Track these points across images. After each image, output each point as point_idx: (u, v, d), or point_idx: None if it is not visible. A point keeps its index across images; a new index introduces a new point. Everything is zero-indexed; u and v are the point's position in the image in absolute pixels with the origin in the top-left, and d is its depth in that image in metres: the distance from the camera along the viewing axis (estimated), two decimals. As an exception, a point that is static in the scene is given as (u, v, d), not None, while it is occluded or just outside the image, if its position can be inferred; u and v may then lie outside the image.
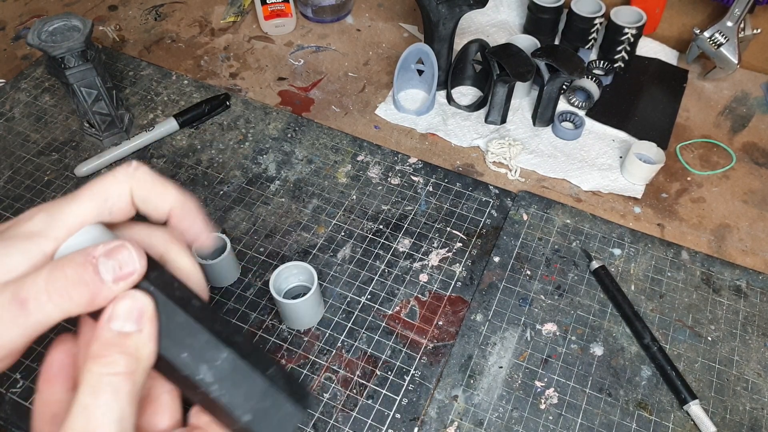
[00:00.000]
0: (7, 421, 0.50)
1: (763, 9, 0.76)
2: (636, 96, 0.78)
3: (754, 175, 0.71)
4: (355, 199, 0.66)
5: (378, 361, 0.54)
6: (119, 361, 0.25)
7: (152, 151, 0.70)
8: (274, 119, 0.74)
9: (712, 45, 0.76)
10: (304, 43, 0.85)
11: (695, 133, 0.75)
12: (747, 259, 0.63)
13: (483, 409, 0.52)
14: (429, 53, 0.72)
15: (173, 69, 0.80)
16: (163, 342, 0.26)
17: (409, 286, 0.59)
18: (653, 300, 0.59)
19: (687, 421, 0.52)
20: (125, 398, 0.25)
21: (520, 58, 0.69)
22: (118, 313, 0.25)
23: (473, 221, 0.65)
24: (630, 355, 0.55)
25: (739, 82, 0.81)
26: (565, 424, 0.51)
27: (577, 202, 0.67)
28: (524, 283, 0.60)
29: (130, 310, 0.26)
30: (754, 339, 0.56)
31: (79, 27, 0.63)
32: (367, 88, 0.79)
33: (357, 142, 0.72)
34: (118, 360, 0.25)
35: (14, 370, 0.53)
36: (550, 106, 0.72)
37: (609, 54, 0.78)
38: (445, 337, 0.56)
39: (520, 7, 0.88)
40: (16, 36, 0.86)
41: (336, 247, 0.62)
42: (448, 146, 0.73)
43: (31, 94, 0.76)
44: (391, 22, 0.89)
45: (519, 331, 0.56)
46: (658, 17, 0.81)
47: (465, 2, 0.68)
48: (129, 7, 0.90)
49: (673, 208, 0.67)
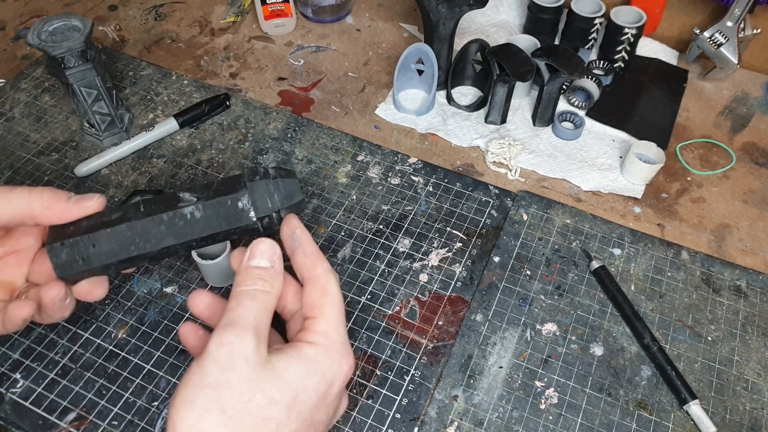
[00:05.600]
0: (7, 421, 0.50)
1: (763, 9, 0.76)
2: (636, 96, 0.78)
3: (754, 175, 0.71)
4: (355, 199, 0.66)
5: (378, 361, 0.54)
6: (257, 282, 0.35)
7: (152, 151, 0.70)
8: (274, 119, 0.74)
9: (712, 45, 0.76)
10: (304, 43, 0.85)
11: (695, 133, 0.75)
12: (747, 259, 0.63)
13: (483, 409, 0.52)
14: (429, 53, 0.72)
15: (173, 69, 0.80)
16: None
17: (409, 286, 0.59)
18: (653, 300, 0.59)
19: (687, 421, 0.52)
20: (261, 305, 0.34)
21: (520, 58, 0.69)
22: (255, 254, 0.37)
23: (473, 221, 0.65)
24: (630, 355, 0.55)
25: (739, 82, 0.81)
26: (565, 424, 0.51)
27: (577, 202, 0.67)
28: (524, 283, 0.60)
29: (264, 251, 0.37)
30: (754, 339, 0.56)
31: (79, 27, 0.63)
32: (367, 88, 0.79)
33: (357, 142, 0.72)
34: (256, 281, 0.35)
35: (14, 370, 0.53)
36: (550, 106, 0.72)
37: (609, 54, 0.78)
38: (445, 337, 0.56)
39: (520, 7, 0.88)
40: (16, 36, 0.86)
41: (336, 247, 0.62)
42: (448, 146, 0.73)
43: (31, 94, 0.76)
44: (391, 22, 0.89)
45: (519, 331, 0.56)
46: (658, 17, 0.81)
47: (465, 2, 0.68)
48: (129, 7, 0.90)
49: (673, 208, 0.67)
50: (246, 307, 0.34)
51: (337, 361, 0.35)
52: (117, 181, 0.67)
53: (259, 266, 0.36)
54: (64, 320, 0.55)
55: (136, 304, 0.57)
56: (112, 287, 0.58)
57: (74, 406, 0.51)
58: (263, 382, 0.32)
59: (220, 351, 0.32)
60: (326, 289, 0.37)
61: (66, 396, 0.51)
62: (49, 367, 0.53)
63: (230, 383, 0.31)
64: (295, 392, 0.33)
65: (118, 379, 0.53)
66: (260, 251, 0.37)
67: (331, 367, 0.35)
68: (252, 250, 0.37)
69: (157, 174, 0.68)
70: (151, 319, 0.56)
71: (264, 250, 0.37)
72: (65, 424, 0.50)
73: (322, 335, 0.35)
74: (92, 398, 0.51)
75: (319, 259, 0.38)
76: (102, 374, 0.53)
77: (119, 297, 0.58)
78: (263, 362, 0.32)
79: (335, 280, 0.37)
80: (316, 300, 0.37)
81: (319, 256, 0.38)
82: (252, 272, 0.36)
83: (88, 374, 0.53)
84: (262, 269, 0.36)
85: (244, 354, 0.32)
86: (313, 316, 0.36)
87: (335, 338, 0.36)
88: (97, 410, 0.51)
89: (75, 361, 0.54)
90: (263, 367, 0.32)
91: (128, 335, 0.55)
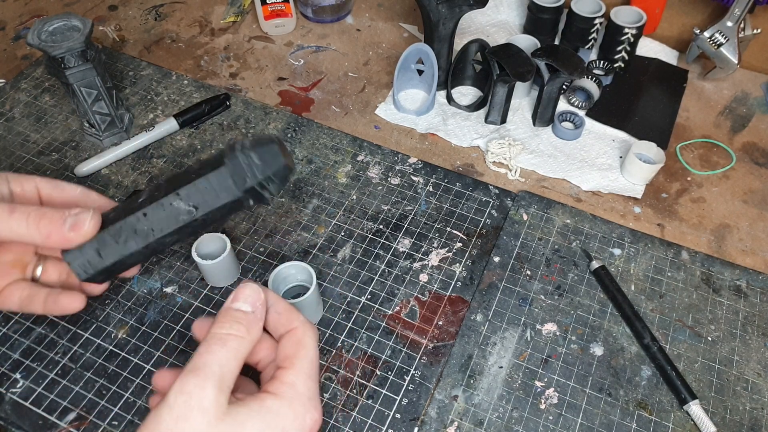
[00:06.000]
0: (7, 421, 0.50)
1: (763, 9, 0.76)
2: (636, 96, 0.78)
3: (754, 175, 0.71)
4: (355, 199, 0.66)
5: (378, 361, 0.54)
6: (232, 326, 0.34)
7: (152, 151, 0.70)
8: (274, 119, 0.74)
9: (712, 45, 0.76)
10: (304, 43, 0.85)
11: (695, 133, 0.75)
12: (747, 259, 0.63)
13: (483, 409, 0.52)
14: (429, 53, 0.72)
15: (173, 69, 0.80)
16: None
17: (409, 286, 0.59)
18: (653, 300, 0.59)
19: (687, 421, 0.52)
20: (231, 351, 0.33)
21: (520, 58, 0.69)
22: (239, 297, 0.36)
23: (473, 221, 0.65)
24: (630, 355, 0.55)
25: (739, 82, 0.81)
26: (565, 424, 0.51)
27: (577, 202, 0.67)
28: (524, 283, 0.60)
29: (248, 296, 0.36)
30: (754, 339, 0.56)
31: (79, 27, 0.63)
32: (367, 88, 0.79)
33: (357, 142, 0.72)
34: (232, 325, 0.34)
35: (14, 370, 0.53)
36: (550, 106, 0.72)
37: (609, 54, 0.78)
38: (445, 337, 0.56)
39: (520, 7, 0.88)
40: (16, 36, 0.86)
41: (336, 247, 0.62)
42: (448, 146, 0.73)
43: (31, 94, 0.76)
44: (391, 22, 0.89)
45: (519, 331, 0.56)
46: (658, 17, 0.81)
47: (465, 2, 0.68)
48: (129, 7, 0.90)
49: (673, 208, 0.67)
50: (213, 353, 0.33)
51: (301, 415, 0.34)
52: (117, 181, 0.67)
53: (239, 309, 0.35)
54: (66, 319, 0.56)
55: (136, 304, 0.57)
56: (112, 287, 0.58)
57: (74, 406, 0.51)
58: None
59: (177, 400, 0.31)
60: (302, 342, 0.36)
61: (66, 396, 0.51)
62: (49, 367, 0.53)
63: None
64: None
65: (118, 379, 0.53)
66: (244, 295, 0.36)
67: (294, 421, 0.33)
68: (236, 293, 0.36)
69: (157, 174, 0.68)
70: (151, 319, 0.56)
71: (248, 294, 0.36)
72: (65, 424, 0.50)
73: (289, 386, 0.34)
74: (92, 398, 0.51)
75: (293, 314, 0.37)
76: (102, 374, 0.53)
77: (119, 297, 0.58)
78: (221, 414, 0.31)
79: (312, 334, 0.37)
80: (290, 351, 0.36)
81: (293, 311, 0.38)
82: (230, 314, 0.35)
83: (88, 374, 0.53)
84: (241, 313, 0.35)
85: (201, 405, 0.31)
86: (284, 366, 0.35)
87: (302, 391, 0.34)
88: (97, 410, 0.51)
89: (75, 361, 0.54)
90: (220, 419, 0.31)
91: (128, 335, 0.55)
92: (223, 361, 0.33)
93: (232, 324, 0.34)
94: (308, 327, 0.37)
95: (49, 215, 0.38)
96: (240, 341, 0.34)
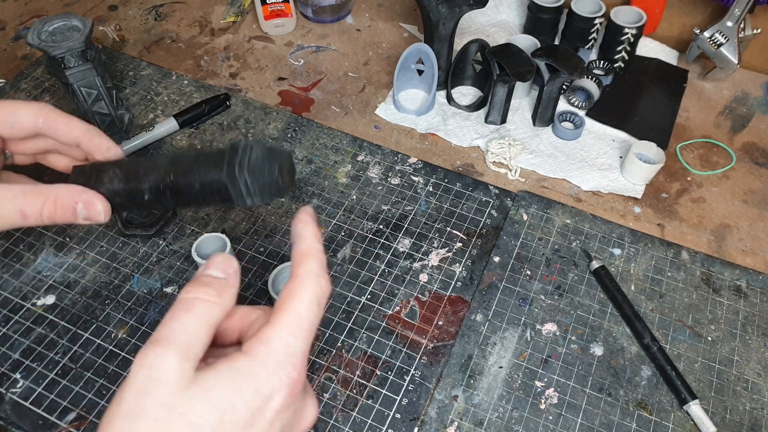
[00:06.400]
0: (7, 421, 0.50)
1: (763, 9, 0.76)
2: (636, 96, 0.78)
3: (754, 175, 0.71)
4: (355, 199, 0.66)
5: (378, 361, 0.54)
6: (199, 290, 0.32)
7: (152, 151, 0.70)
8: (274, 119, 0.74)
9: (712, 45, 0.76)
10: (304, 43, 0.85)
11: (695, 133, 0.75)
12: (747, 259, 0.63)
13: (483, 409, 0.52)
14: (429, 53, 0.72)
15: (173, 69, 0.80)
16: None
17: (409, 286, 0.59)
18: (653, 300, 0.59)
19: (687, 421, 0.52)
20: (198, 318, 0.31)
21: (520, 58, 0.69)
22: (210, 264, 0.34)
23: (473, 221, 0.65)
24: (630, 355, 0.55)
25: (739, 82, 0.81)
26: (565, 424, 0.51)
27: (577, 202, 0.67)
28: (524, 283, 0.60)
29: (219, 263, 0.34)
30: (754, 339, 0.56)
31: (79, 27, 0.63)
32: (367, 88, 0.79)
33: (357, 142, 0.72)
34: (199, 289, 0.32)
35: (14, 370, 0.53)
36: (550, 106, 0.72)
37: (609, 54, 0.78)
38: (445, 337, 0.56)
39: (520, 7, 0.88)
40: (16, 36, 0.86)
41: (336, 247, 0.62)
42: (448, 146, 0.73)
43: (31, 94, 0.76)
44: (391, 22, 0.89)
45: (519, 331, 0.56)
46: (658, 17, 0.81)
47: (465, 2, 0.68)
48: (129, 7, 0.90)
49: (673, 208, 0.67)
50: (178, 320, 0.30)
51: (274, 373, 0.30)
52: (117, 181, 0.67)
53: (209, 275, 0.33)
54: (66, 319, 0.55)
55: (136, 304, 0.57)
56: (112, 287, 0.58)
57: (74, 406, 0.51)
58: (183, 406, 0.28)
59: (138, 374, 0.29)
60: (295, 293, 0.32)
61: (66, 396, 0.51)
62: (49, 367, 0.53)
63: (145, 412, 0.28)
64: (221, 413, 0.28)
65: (118, 379, 0.53)
66: (215, 263, 0.33)
67: (268, 380, 0.30)
68: (208, 263, 0.34)
69: (157, 174, 0.68)
70: (151, 319, 0.56)
71: (219, 262, 0.34)
72: (65, 424, 0.50)
73: (263, 343, 0.30)
74: (92, 398, 0.51)
75: (305, 258, 0.33)
76: (102, 374, 0.53)
77: (119, 297, 0.58)
78: (187, 383, 0.29)
79: (312, 286, 0.32)
80: (278, 305, 0.32)
81: (307, 256, 0.34)
82: (198, 279, 0.32)
83: (88, 374, 0.53)
84: (211, 277, 0.33)
85: (164, 377, 0.28)
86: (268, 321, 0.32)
87: (279, 348, 0.30)
88: (97, 410, 0.51)
89: (75, 361, 0.54)
90: (185, 389, 0.28)
91: (128, 335, 0.55)
92: (189, 328, 0.30)
93: (200, 287, 0.32)
94: (310, 278, 0.33)
95: (61, 204, 0.39)
96: (209, 306, 0.31)
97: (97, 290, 0.58)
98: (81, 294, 0.58)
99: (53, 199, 0.40)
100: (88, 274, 0.59)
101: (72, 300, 0.57)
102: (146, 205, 0.40)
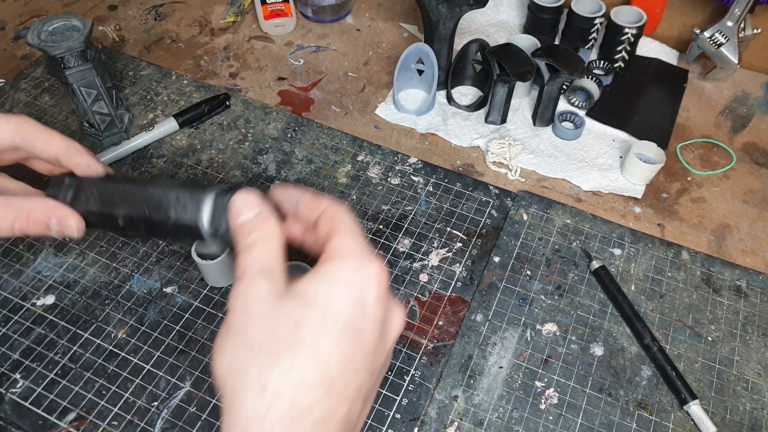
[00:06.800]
0: (7, 421, 0.50)
1: (763, 9, 0.76)
2: (636, 96, 0.78)
3: (754, 175, 0.71)
4: (355, 199, 0.66)
5: (378, 361, 0.54)
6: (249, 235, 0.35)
7: (152, 151, 0.70)
8: (274, 119, 0.74)
9: (712, 45, 0.76)
10: (304, 43, 0.85)
11: (695, 133, 0.75)
12: (747, 259, 0.63)
13: (483, 409, 0.52)
14: (429, 53, 0.72)
15: (173, 69, 0.80)
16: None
17: (409, 286, 0.59)
18: (653, 300, 0.59)
19: (687, 421, 0.52)
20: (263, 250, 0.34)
21: (520, 58, 0.69)
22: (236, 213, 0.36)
23: (473, 221, 0.65)
24: (630, 355, 0.55)
25: (740, 82, 0.81)
26: (565, 424, 0.51)
27: (577, 202, 0.67)
28: (524, 283, 0.60)
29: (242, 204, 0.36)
30: (754, 339, 0.56)
31: (78, 27, 0.63)
32: (367, 88, 0.79)
33: (357, 142, 0.72)
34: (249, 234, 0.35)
35: (14, 370, 0.53)
36: (550, 106, 0.72)
37: (609, 54, 0.78)
38: (445, 337, 0.56)
39: (520, 7, 0.88)
40: (16, 36, 0.86)
41: (336, 247, 0.62)
42: (448, 146, 0.73)
43: (31, 94, 0.76)
44: (391, 22, 0.89)
45: (519, 331, 0.56)
46: (658, 17, 0.81)
47: (465, 2, 0.68)
48: (129, 7, 0.90)
49: (673, 208, 0.67)
50: (249, 257, 0.34)
51: (357, 268, 0.33)
52: (117, 181, 0.67)
53: (244, 221, 0.36)
54: (66, 319, 0.55)
55: (136, 304, 0.57)
56: (112, 287, 0.58)
57: (74, 406, 0.51)
58: (284, 309, 0.31)
59: (236, 302, 0.32)
60: (335, 216, 0.36)
61: (66, 396, 0.51)
62: (49, 367, 0.53)
63: (252, 323, 0.31)
64: (322, 308, 0.31)
65: (118, 379, 0.53)
66: (238, 209, 0.37)
67: (355, 274, 0.33)
68: (232, 212, 0.37)
69: (157, 174, 0.68)
70: (151, 319, 0.56)
71: (241, 204, 0.37)
72: (65, 424, 0.50)
73: (336, 250, 0.34)
74: (92, 398, 0.51)
75: (319, 198, 0.37)
76: (102, 374, 0.53)
77: (119, 297, 0.58)
78: (280, 295, 0.32)
79: (343, 209, 0.36)
80: (327, 227, 0.36)
81: (318, 197, 0.37)
82: (240, 230, 0.36)
83: (88, 374, 0.53)
84: (248, 221, 0.36)
85: (258, 297, 0.32)
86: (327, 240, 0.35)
87: (352, 248, 0.34)
88: (97, 410, 0.51)
89: (75, 361, 0.54)
90: (281, 299, 0.32)
91: (128, 335, 0.55)
92: (261, 258, 0.34)
93: (248, 234, 0.35)
94: (337, 204, 0.37)
95: (33, 219, 0.40)
96: (266, 238, 0.35)
97: (97, 290, 0.58)
98: (81, 294, 0.58)
99: (26, 214, 0.40)
100: (88, 274, 0.59)
101: (72, 300, 0.57)
102: (120, 231, 0.41)
